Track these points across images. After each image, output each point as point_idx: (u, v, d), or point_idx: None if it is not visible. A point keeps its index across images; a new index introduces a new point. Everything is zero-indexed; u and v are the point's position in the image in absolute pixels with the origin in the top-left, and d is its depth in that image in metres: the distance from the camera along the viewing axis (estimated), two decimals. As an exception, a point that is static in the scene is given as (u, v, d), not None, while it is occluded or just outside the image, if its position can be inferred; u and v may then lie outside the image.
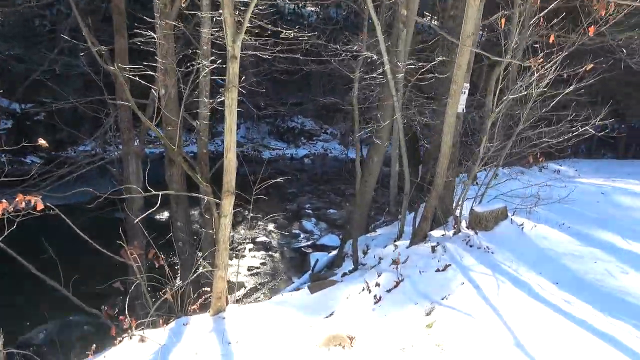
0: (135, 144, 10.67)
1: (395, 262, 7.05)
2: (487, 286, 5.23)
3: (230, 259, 15.06)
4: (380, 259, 7.70)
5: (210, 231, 8.77)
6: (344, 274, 8.32)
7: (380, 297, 5.86)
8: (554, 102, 6.26)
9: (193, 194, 6.94)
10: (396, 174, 9.29)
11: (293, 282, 13.53)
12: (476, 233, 6.40)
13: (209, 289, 6.25)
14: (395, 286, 5.96)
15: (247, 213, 18.87)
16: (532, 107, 6.22)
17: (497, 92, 6.10)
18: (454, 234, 6.75)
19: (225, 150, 5.26)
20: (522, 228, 6.37)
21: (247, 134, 22.90)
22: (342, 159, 23.05)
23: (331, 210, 18.52)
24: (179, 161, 8.99)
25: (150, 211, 5.91)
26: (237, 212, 18.23)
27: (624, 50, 9.84)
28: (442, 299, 5.24)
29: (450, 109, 6.38)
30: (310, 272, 13.49)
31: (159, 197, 5.56)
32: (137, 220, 6.16)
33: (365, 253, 8.78)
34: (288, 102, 21.14)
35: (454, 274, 5.68)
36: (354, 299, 6.28)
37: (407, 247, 7.30)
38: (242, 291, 13.27)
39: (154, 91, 9.05)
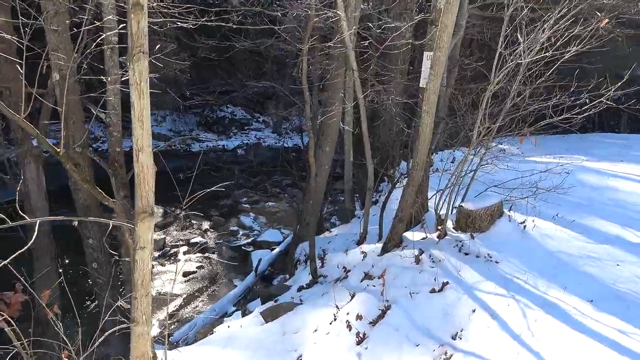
0: (34, 143, 8.29)
1: (368, 275, 5.45)
2: (509, 315, 3.75)
3: (163, 265, 12.98)
4: (346, 269, 6.08)
5: (128, 259, 6.73)
6: (301, 288, 6.63)
7: (364, 335, 4.21)
8: (554, 68, 4.85)
9: (101, 219, 4.61)
10: (350, 163, 7.70)
11: (235, 286, 11.71)
12: (472, 237, 4.90)
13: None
14: (381, 316, 4.34)
15: (177, 211, 16.73)
16: (534, 74, 4.78)
17: (500, 58, 4.58)
18: (440, 237, 5.23)
19: (135, 152, 3.35)
20: (525, 227, 4.96)
21: (174, 126, 20.38)
22: (277, 148, 21.16)
23: (270, 204, 16.68)
24: (82, 165, 6.83)
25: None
26: (166, 209, 16.00)
27: None
28: (454, 338, 3.69)
29: (431, 83, 4.81)
30: (253, 273, 11.73)
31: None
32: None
33: (322, 260, 7.12)
34: (216, 91, 18.88)
35: (457, 297, 4.16)
36: (326, 335, 4.59)
37: (379, 255, 5.73)
38: (179, 301, 11.23)
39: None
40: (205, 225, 15.18)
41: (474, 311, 3.89)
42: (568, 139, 16.40)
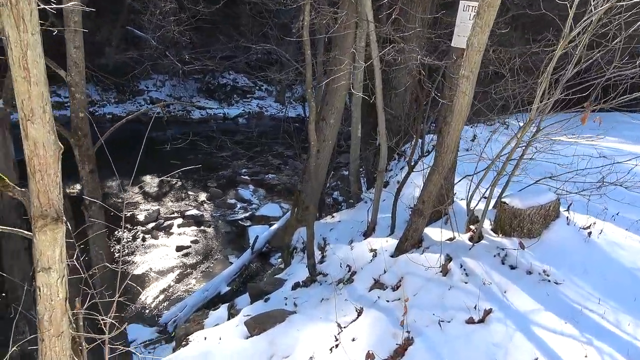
0: (-1, 104, 6.93)
1: (378, 283, 4.15)
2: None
3: (156, 238, 11.78)
4: (350, 269, 4.79)
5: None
6: (296, 285, 5.36)
7: (376, 384, 2.94)
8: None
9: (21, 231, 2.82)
10: (358, 139, 6.32)
11: (231, 263, 10.55)
12: (522, 246, 3.56)
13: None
14: (400, 353, 3.06)
15: (174, 182, 15.40)
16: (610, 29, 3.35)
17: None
18: (473, 240, 3.90)
19: (21, 121, 2.00)
20: (590, 233, 3.61)
21: (173, 91, 18.85)
22: (279, 118, 19.70)
23: (270, 176, 15.37)
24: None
25: None
26: (162, 179, 14.69)
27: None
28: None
29: (476, 37, 3.40)
30: (249, 250, 10.56)
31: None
32: None
33: (323, 251, 5.84)
34: (217, 56, 17.27)
35: (507, 334, 2.86)
36: (325, 368, 3.33)
37: (393, 256, 4.42)
38: (171, 277, 10.10)
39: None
40: (202, 196, 13.92)
41: (536, 361, 2.60)
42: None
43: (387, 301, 3.75)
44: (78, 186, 10.96)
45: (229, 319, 5.51)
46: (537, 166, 4.28)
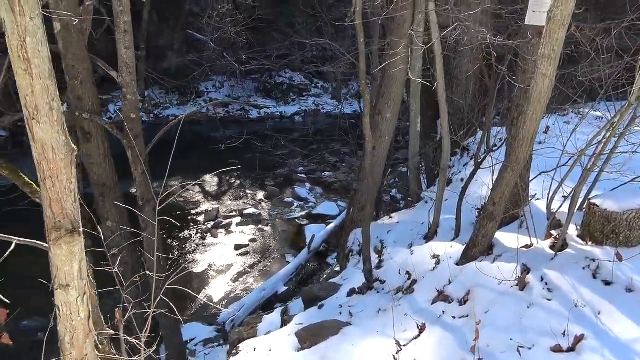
0: (63, 108, 7.05)
1: (443, 295, 3.65)
2: None
3: (215, 236, 11.82)
4: (410, 276, 4.32)
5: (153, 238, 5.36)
6: (352, 292, 4.95)
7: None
8: None
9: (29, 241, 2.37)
10: (417, 134, 5.78)
11: (288, 263, 10.35)
12: (619, 257, 2.94)
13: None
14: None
15: (233, 181, 15.47)
16: None
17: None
18: (555, 248, 3.31)
19: (26, 120, 1.74)
20: None
21: (232, 92, 19.00)
22: (336, 115, 19.36)
23: (326, 174, 15.04)
24: (93, 135, 5.42)
25: None
26: (221, 178, 14.79)
27: None
28: None
29: (558, 9, 2.82)
30: (306, 250, 10.31)
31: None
32: None
33: (380, 255, 5.39)
34: (273, 55, 17.18)
35: (608, 369, 2.32)
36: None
37: (459, 264, 3.91)
38: (229, 276, 10.04)
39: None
40: (260, 195, 13.84)
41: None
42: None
43: (453, 317, 3.25)
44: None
45: (282, 325, 5.21)
46: (632, 161, 3.59)
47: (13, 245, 2.00)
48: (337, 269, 7.09)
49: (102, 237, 2.77)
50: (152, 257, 5.52)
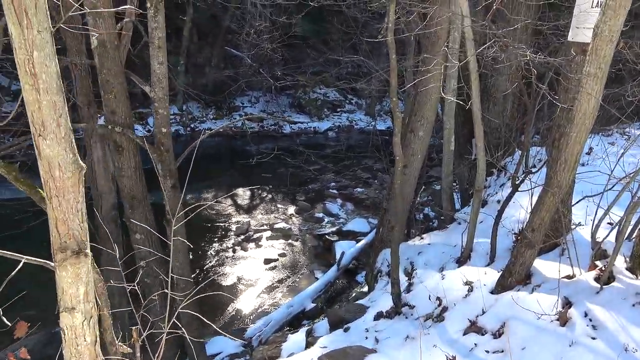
0: (100, 121, 7.20)
1: (475, 326, 3.39)
2: None
3: (245, 250, 11.79)
4: (441, 303, 4.07)
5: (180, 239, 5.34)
6: (379, 315, 4.73)
7: None
8: None
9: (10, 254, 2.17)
10: (451, 153, 5.54)
11: (317, 279, 10.17)
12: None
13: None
14: None
15: (264, 195, 15.49)
16: None
17: None
18: (601, 281, 3.02)
19: (33, 137, 1.68)
20: None
21: (267, 107, 19.16)
22: (369, 131, 19.19)
23: (358, 190, 14.84)
24: (125, 148, 5.47)
25: None
26: (253, 192, 14.82)
27: None
28: None
29: (606, 25, 2.60)
30: (335, 267, 10.11)
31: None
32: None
33: (410, 277, 5.15)
34: (308, 71, 17.24)
35: None
36: None
37: (494, 293, 3.64)
38: (258, 290, 9.93)
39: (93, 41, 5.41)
40: (291, 210, 13.76)
41: None
42: None
43: (487, 352, 3.00)
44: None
45: (306, 347, 5.03)
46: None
47: (21, 264, 1.94)
48: (365, 289, 6.86)
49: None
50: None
